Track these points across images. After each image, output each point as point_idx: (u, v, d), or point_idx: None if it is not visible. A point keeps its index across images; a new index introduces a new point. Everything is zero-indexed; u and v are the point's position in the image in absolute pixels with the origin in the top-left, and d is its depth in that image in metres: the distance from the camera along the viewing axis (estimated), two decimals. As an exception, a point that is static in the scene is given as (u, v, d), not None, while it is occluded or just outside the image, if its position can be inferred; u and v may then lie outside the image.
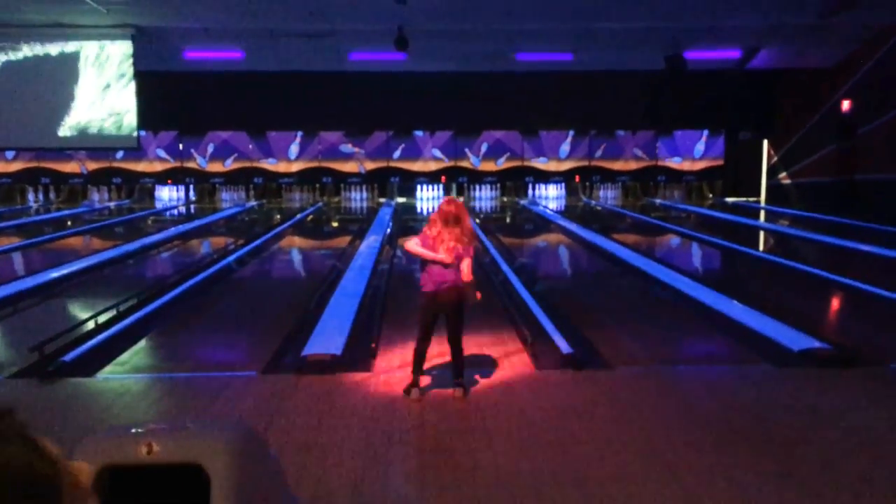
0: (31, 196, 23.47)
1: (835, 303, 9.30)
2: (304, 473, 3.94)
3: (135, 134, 16.26)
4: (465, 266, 5.00)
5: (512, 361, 6.10)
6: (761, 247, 14.43)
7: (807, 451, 4.24)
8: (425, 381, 5.25)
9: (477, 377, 5.48)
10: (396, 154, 23.59)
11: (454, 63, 19.13)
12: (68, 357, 5.93)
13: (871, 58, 17.39)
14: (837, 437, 4.44)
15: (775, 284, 10.22)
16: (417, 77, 20.27)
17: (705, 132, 23.72)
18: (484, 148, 23.70)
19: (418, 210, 21.47)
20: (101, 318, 7.17)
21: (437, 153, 23.62)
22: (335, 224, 18.90)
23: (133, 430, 2.25)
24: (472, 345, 5.94)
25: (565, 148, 23.81)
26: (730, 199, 23.17)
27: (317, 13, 14.27)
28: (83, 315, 7.11)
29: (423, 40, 15.55)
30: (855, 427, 4.60)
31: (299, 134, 23.35)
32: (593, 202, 23.23)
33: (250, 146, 23.40)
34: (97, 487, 2.20)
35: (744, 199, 23.25)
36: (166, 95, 19.77)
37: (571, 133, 23.71)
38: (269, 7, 13.87)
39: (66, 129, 16.08)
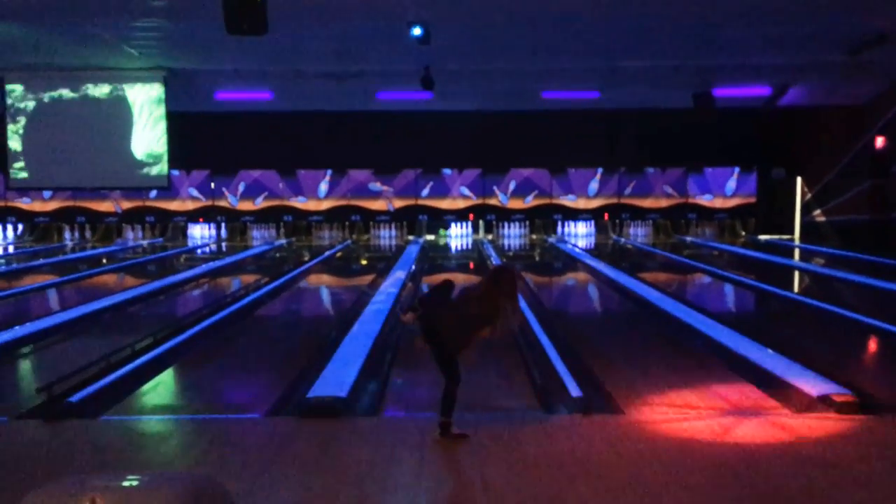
0: (67, 234, 23.95)
1: (865, 346, 8.99)
2: (292, 523, 3.85)
3: (165, 173, 16.55)
4: None
5: (520, 404, 5.97)
6: (791, 287, 14.08)
7: (819, 506, 4.04)
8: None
9: (481, 421, 5.35)
10: (425, 192, 23.68)
11: (481, 101, 19.26)
12: (75, 398, 5.94)
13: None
14: (853, 490, 4.22)
15: (804, 326, 9.94)
16: (445, 115, 20.43)
17: (736, 169, 23.45)
18: (512, 186, 23.69)
19: (447, 244, 21.45)
20: (115, 358, 7.19)
21: (466, 191, 23.67)
22: (363, 262, 18.93)
23: (77, 485, 2.20)
24: (481, 385, 5.84)
25: (594, 185, 23.69)
26: (763, 237, 22.79)
27: (343, 54, 14.47)
28: (99, 354, 7.12)
29: (449, 80, 15.68)
30: (874, 479, 4.37)
31: (328, 172, 23.58)
32: (623, 240, 23.02)
33: (280, 185, 23.67)
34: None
35: (777, 236, 22.85)
36: (198, 135, 20.16)
37: (600, 170, 23.60)
38: (297, 48, 14.10)
39: (99, 169, 16.44)
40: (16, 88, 16.17)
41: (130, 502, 2.11)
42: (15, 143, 16.41)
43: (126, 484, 2.18)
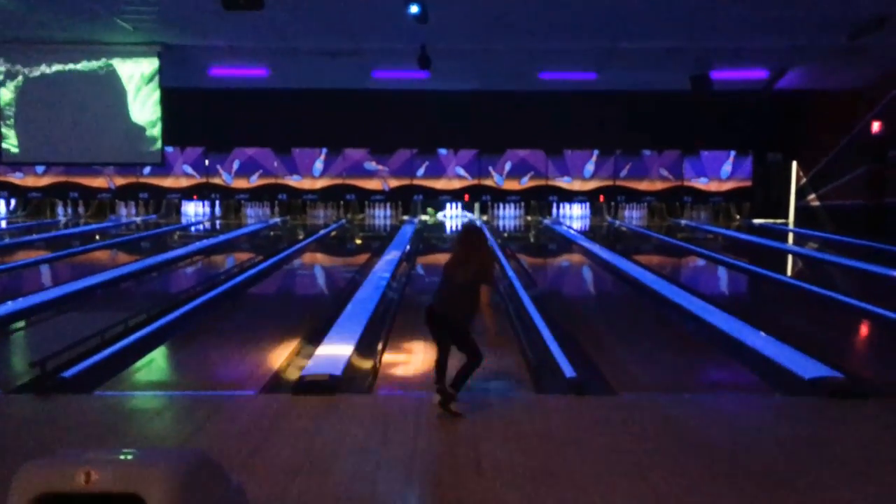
0: (60, 210, 23.86)
1: (858, 330, 9.03)
2: (286, 499, 3.86)
3: (159, 149, 16.46)
4: None
5: (513, 384, 5.99)
6: (785, 270, 14.13)
7: (808, 487, 4.06)
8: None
9: (475, 400, 5.37)
10: (420, 172, 23.63)
11: (478, 81, 19.17)
12: (68, 373, 5.93)
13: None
14: (843, 474, 4.25)
15: (797, 310, 9.99)
16: (441, 95, 20.35)
17: (732, 153, 23.44)
18: (508, 166, 23.66)
19: (442, 224, 21.42)
20: (109, 334, 7.17)
21: (461, 171, 23.62)
22: (357, 241, 18.91)
23: (72, 458, 2.20)
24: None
25: (590, 167, 23.68)
26: (757, 221, 22.83)
27: (340, 32, 14.36)
28: (93, 330, 7.10)
29: (446, 59, 15.58)
30: (863, 463, 4.40)
31: (324, 151, 23.50)
32: (618, 222, 23.03)
33: (275, 163, 23.59)
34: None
35: (772, 220, 22.89)
36: (192, 112, 20.04)
37: (596, 152, 23.57)
38: (293, 26, 13.98)
39: (93, 145, 16.33)
40: (6, 62, 16.01)
41: (125, 476, 2.10)
42: (6, 118, 16.27)
43: (121, 458, 2.18)
